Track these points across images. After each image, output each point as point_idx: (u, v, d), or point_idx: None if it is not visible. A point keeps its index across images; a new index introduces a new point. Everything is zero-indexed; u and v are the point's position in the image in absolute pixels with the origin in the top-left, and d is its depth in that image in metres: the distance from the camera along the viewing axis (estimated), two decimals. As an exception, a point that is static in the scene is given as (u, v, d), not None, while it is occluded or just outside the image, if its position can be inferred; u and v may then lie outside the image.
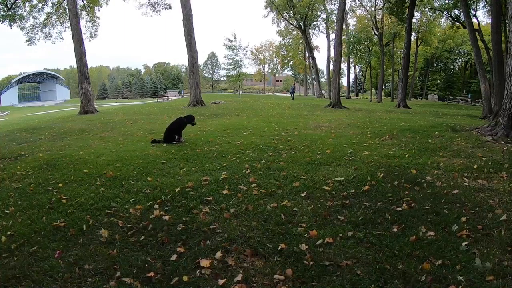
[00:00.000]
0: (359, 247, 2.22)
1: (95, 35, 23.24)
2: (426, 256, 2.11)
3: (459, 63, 53.01)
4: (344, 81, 50.08)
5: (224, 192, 3.24)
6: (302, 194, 3.16)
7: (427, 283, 1.84)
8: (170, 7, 20.97)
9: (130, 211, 2.82)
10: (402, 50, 42.03)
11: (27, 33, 21.74)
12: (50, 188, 3.71)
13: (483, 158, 4.63)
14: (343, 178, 3.61)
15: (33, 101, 49.06)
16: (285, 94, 50.25)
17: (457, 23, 29.09)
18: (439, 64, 52.64)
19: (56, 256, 2.22)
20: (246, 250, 2.18)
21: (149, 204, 3.02)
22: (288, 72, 62.53)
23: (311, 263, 2.01)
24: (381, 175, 3.78)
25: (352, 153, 4.99)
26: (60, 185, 3.80)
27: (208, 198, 3.11)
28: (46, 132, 10.97)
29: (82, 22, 21.11)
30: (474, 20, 25.37)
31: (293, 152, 5.03)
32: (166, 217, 2.70)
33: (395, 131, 7.90)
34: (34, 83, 53.62)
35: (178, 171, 4.06)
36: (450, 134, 7.84)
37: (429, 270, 1.96)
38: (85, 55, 17.80)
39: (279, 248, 2.20)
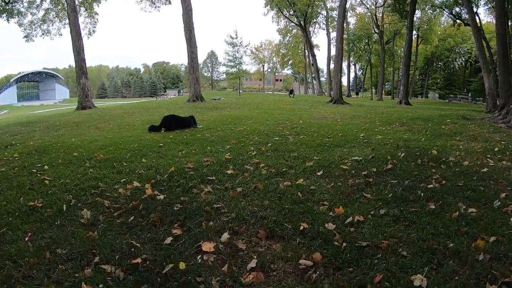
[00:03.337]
0: (397, 225, 1.85)
1: (93, 31, 22.86)
2: (476, 233, 1.77)
3: (459, 62, 52.71)
4: (344, 80, 49.67)
5: (229, 172, 2.85)
6: (318, 173, 2.77)
7: (487, 263, 1.47)
8: (170, 2, 20.57)
9: (119, 191, 2.41)
10: (402, 49, 41.97)
11: (25, 29, 21.42)
12: (35, 171, 3.32)
13: (502, 142, 4.45)
14: (361, 158, 3.24)
15: (32, 100, 48.42)
16: (285, 94, 49.83)
17: (458, 21, 28.74)
18: (439, 63, 52.35)
19: (26, 239, 1.83)
20: (259, 232, 1.79)
21: (142, 184, 2.62)
22: (287, 71, 62.13)
23: (344, 244, 1.62)
24: (402, 155, 3.44)
25: (365, 136, 4.62)
26: (46, 167, 3.42)
27: (211, 178, 2.71)
28: (41, 125, 10.79)
29: (81, 19, 20.91)
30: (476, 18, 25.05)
31: (301, 137, 4.64)
32: (161, 197, 2.30)
33: (405, 119, 7.55)
34: (33, 82, 52.97)
35: (176, 153, 3.66)
36: (462, 121, 7.57)
37: (484, 248, 1.60)
38: (83, 50, 17.46)
39: (301, 228, 1.80)
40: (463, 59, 50.86)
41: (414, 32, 35.99)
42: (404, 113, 10.56)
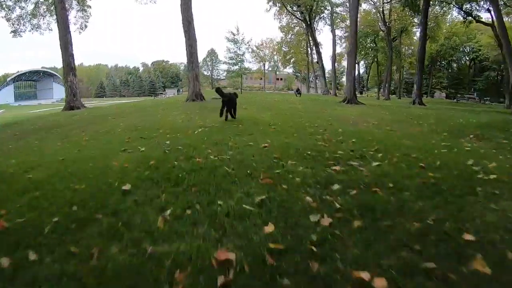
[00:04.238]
0: None
1: (85, 26, 21.66)
2: None
3: (463, 61, 51.33)
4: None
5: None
6: None
7: None
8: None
9: None
10: (407, 47, 40.49)
11: (13, 24, 20.06)
12: None
13: None
14: None
15: (30, 99, 46.98)
16: (286, 92, 47.92)
17: (469, 18, 27.15)
18: (443, 62, 50.93)
19: None
20: None
21: None
22: (289, 69, 60.17)
23: None
24: None
25: (475, 164, 2.79)
26: None
27: None
28: (12, 130, 9.24)
29: (73, 13, 19.68)
30: (488, 15, 23.84)
31: (375, 164, 2.75)
32: None
33: (472, 128, 5.75)
34: (30, 81, 51.46)
35: (153, 218, 1.71)
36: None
37: None
38: (72, 45, 15.89)
39: None
40: (467, 58, 49.49)
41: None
42: (445, 117, 8.79)
